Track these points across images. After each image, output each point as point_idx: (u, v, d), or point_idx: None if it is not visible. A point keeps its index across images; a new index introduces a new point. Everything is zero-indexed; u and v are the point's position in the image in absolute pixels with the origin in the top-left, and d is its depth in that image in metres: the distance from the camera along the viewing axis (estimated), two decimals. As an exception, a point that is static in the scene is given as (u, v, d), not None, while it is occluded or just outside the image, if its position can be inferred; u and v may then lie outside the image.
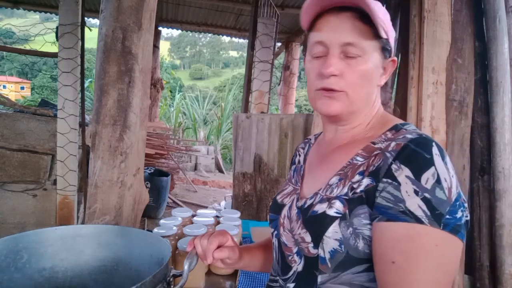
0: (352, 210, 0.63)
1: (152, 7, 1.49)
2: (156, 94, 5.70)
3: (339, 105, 0.70)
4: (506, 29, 1.73)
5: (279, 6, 4.28)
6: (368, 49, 0.68)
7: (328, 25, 0.69)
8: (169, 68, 24.97)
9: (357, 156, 0.69)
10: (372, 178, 0.62)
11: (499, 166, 1.71)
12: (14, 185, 3.12)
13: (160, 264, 0.79)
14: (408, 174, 0.57)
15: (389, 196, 0.58)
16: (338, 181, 0.68)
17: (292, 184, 0.84)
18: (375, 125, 0.74)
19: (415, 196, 0.56)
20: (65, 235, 0.97)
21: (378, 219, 0.59)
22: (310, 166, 0.83)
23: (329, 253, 0.65)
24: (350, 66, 0.68)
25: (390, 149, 0.62)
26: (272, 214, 0.84)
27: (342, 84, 0.69)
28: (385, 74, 0.73)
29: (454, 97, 1.76)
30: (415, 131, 0.64)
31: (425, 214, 0.55)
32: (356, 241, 0.63)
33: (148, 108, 1.56)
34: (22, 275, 0.89)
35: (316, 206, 0.68)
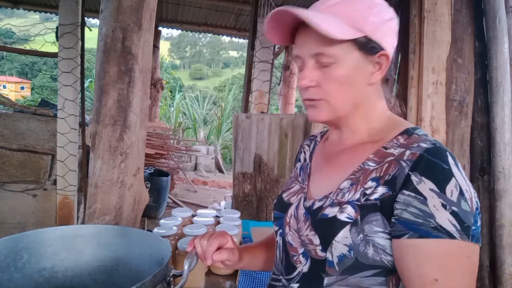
0: (364, 216, 0.63)
1: (152, 7, 1.49)
2: (156, 94, 5.70)
3: (323, 113, 0.71)
4: (506, 29, 1.73)
5: (279, 6, 4.28)
6: (340, 53, 0.66)
7: (299, 40, 0.71)
8: (169, 68, 24.96)
9: (369, 161, 0.68)
10: (388, 187, 0.62)
11: (499, 166, 1.71)
12: (14, 185, 3.12)
13: (160, 264, 0.79)
14: (432, 187, 0.57)
15: (417, 211, 0.58)
16: (349, 185, 0.68)
17: (299, 183, 0.83)
18: (383, 128, 0.72)
19: (443, 210, 0.56)
20: (65, 235, 0.97)
21: (409, 235, 0.58)
22: (317, 165, 0.82)
23: (338, 258, 0.65)
24: (325, 74, 0.68)
25: (406, 158, 0.62)
26: (277, 212, 0.83)
27: (320, 94, 0.70)
28: (379, 70, 0.70)
29: (454, 97, 1.76)
30: (428, 139, 0.64)
31: (455, 228, 0.56)
32: (366, 248, 0.63)
33: (148, 108, 1.56)
34: (22, 275, 0.89)
35: (326, 209, 0.68)
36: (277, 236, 0.82)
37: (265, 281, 1.30)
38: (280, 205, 0.82)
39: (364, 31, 0.66)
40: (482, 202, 1.80)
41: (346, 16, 0.66)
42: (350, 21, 0.65)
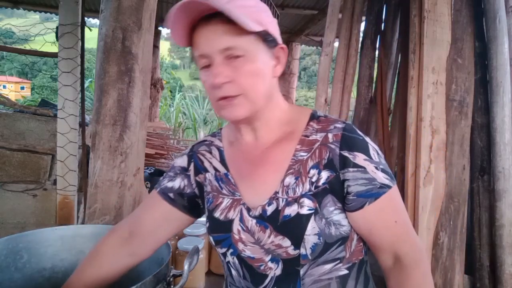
0: (321, 202, 0.69)
1: (152, 7, 1.49)
2: (156, 94, 5.69)
3: (242, 109, 0.69)
4: (506, 29, 1.73)
5: (279, 6, 4.28)
6: (248, 46, 0.67)
7: (202, 37, 0.68)
8: (169, 68, 24.97)
9: (299, 152, 0.72)
10: (329, 170, 0.69)
11: (499, 166, 1.71)
12: (14, 185, 3.12)
13: (160, 264, 0.79)
14: (364, 157, 0.69)
15: (364, 181, 0.68)
16: (295, 180, 0.70)
17: (227, 195, 0.77)
18: (292, 118, 0.76)
19: (378, 171, 0.69)
20: (65, 235, 0.97)
21: (369, 202, 0.68)
22: (242, 172, 0.77)
23: (311, 249, 0.68)
24: (237, 68, 0.67)
25: (331, 140, 0.70)
26: (216, 234, 0.76)
27: (236, 89, 0.68)
28: (279, 63, 0.73)
29: (454, 97, 1.76)
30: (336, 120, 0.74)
31: (388, 179, 0.70)
32: (329, 229, 0.69)
33: (148, 108, 1.56)
34: (22, 275, 0.89)
35: (285, 210, 0.69)
36: (227, 257, 0.76)
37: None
38: (219, 226, 0.76)
39: (263, 24, 0.68)
40: (482, 202, 1.80)
41: (247, 10, 0.66)
42: (250, 14, 0.66)
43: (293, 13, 4.70)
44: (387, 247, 0.72)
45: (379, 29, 2.38)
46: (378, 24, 2.37)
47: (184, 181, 0.84)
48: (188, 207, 0.84)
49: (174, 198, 0.83)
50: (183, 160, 0.86)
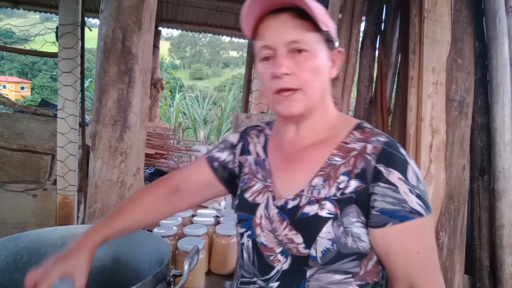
0: (343, 210, 0.68)
1: (152, 7, 1.49)
2: (156, 94, 5.70)
3: (299, 105, 0.71)
4: (506, 29, 1.73)
5: (279, 6, 4.28)
6: (313, 43, 0.70)
7: (269, 29, 0.71)
8: (169, 68, 24.96)
9: (334, 157, 0.72)
10: (359, 180, 0.68)
11: (499, 166, 1.71)
12: (14, 185, 3.12)
13: (160, 264, 0.79)
14: (399, 176, 0.66)
15: (393, 200, 0.65)
16: (322, 182, 0.70)
17: (260, 180, 0.80)
18: (336, 124, 0.77)
19: (411, 194, 0.66)
20: (65, 235, 0.97)
21: (392, 222, 0.65)
22: (277, 163, 0.80)
23: (321, 252, 0.68)
24: (300, 63, 0.70)
25: (369, 151, 0.69)
26: (242, 213, 0.80)
27: (296, 82, 0.70)
28: (335, 66, 0.75)
29: (454, 97, 1.76)
30: (381, 133, 0.72)
31: (422, 208, 0.66)
32: (346, 239, 0.68)
33: (148, 108, 1.56)
34: (22, 275, 0.89)
35: (305, 207, 0.70)
36: (244, 238, 0.79)
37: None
38: (245, 206, 0.79)
39: (328, 26, 0.71)
40: (482, 202, 1.80)
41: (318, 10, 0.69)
42: (319, 15, 0.68)
43: (293, 13, 4.70)
44: (402, 276, 0.68)
45: (379, 29, 2.37)
46: (378, 24, 2.37)
47: (229, 156, 0.89)
48: (227, 180, 0.89)
49: (217, 168, 0.89)
50: (235, 137, 0.91)
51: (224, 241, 1.36)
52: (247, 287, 0.77)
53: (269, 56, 0.71)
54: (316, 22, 0.68)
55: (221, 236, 1.37)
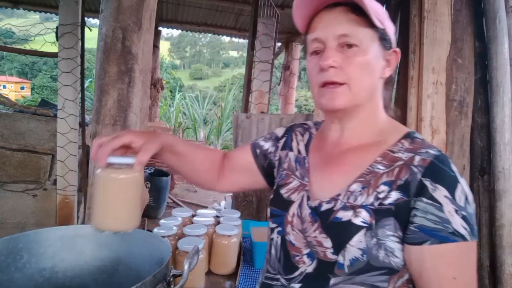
0: (379, 221, 0.64)
1: (152, 7, 1.49)
2: (156, 94, 5.70)
3: (343, 98, 0.69)
4: (506, 29, 1.73)
5: (279, 6, 4.28)
6: (364, 39, 0.68)
7: (322, 22, 0.71)
8: (169, 68, 24.97)
9: (378, 164, 0.68)
10: (401, 192, 0.64)
11: (499, 166, 1.71)
12: (14, 185, 3.12)
13: (160, 264, 0.79)
14: (446, 194, 0.61)
15: (435, 218, 0.61)
16: (361, 189, 0.67)
17: (297, 178, 0.79)
18: (384, 129, 0.73)
19: (456, 215, 0.61)
20: (65, 235, 0.97)
21: (431, 242, 0.61)
22: (317, 163, 0.79)
23: (349, 261, 0.65)
24: (348, 57, 0.68)
25: (416, 163, 0.64)
26: (275, 209, 0.80)
27: (342, 76, 0.68)
28: (389, 66, 0.73)
29: (454, 97, 1.76)
30: (432, 146, 0.67)
31: (467, 231, 0.61)
32: (378, 251, 0.64)
33: (148, 108, 1.56)
34: (22, 275, 0.89)
35: (338, 212, 0.67)
36: (274, 233, 0.79)
37: (265, 281, 1.30)
38: (280, 201, 0.79)
39: (384, 25, 0.70)
40: (482, 202, 1.80)
41: (374, 8, 0.68)
42: (374, 12, 0.68)
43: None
44: None
45: (379, 29, 2.38)
46: (378, 24, 2.37)
47: (272, 148, 0.89)
48: (265, 170, 0.90)
49: (258, 155, 0.90)
50: (281, 131, 0.91)
51: (224, 241, 1.36)
52: (270, 283, 0.77)
53: (319, 50, 0.71)
54: (370, 18, 0.67)
55: (221, 236, 1.37)
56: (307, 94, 21.18)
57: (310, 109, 16.75)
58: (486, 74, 1.81)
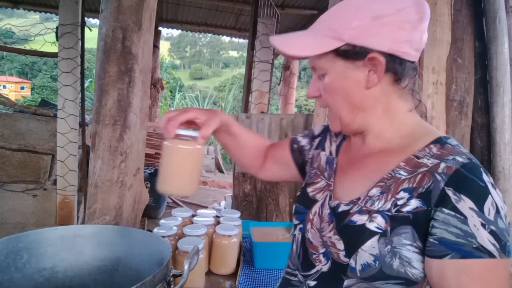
0: (394, 228, 0.62)
1: (152, 7, 1.49)
2: (156, 94, 5.70)
3: (335, 123, 0.74)
4: (506, 29, 1.73)
5: (279, 6, 4.28)
6: (326, 65, 0.69)
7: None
8: (169, 68, 24.96)
9: (400, 170, 0.65)
10: (422, 200, 0.60)
11: (499, 166, 1.71)
12: (14, 185, 3.13)
13: (160, 264, 0.79)
14: (472, 206, 0.56)
15: (458, 231, 0.57)
16: (379, 193, 0.65)
17: (325, 178, 0.80)
18: (411, 133, 0.69)
19: (483, 229, 0.56)
20: (65, 235, 0.97)
21: (451, 256, 0.57)
22: (343, 165, 0.79)
23: (361, 265, 0.64)
24: (323, 86, 0.72)
25: (440, 171, 0.60)
26: (300, 206, 0.81)
27: (324, 104, 0.74)
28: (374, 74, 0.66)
29: (454, 97, 1.76)
30: (463, 153, 0.62)
31: (495, 247, 0.56)
32: (392, 259, 0.62)
33: (148, 108, 1.56)
34: (22, 275, 0.89)
35: (354, 215, 0.66)
36: (296, 230, 0.80)
37: (266, 281, 1.30)
38: (305, 199, 0.80)
39: (343, 39, 0.65)
40: (482, 202, 1.80)
41: (328, 28, 0.67)
42: (330, 32, 0.66)
43: (293, 13, 4.70)
44: None
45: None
46: (378, 24, 2.37)
47: (307, 145, 0.91)
48: (300, 165, 0.92)
49: (295, 150, 0.93)
50: (318, 130, 0.92)
51: (224, 241, 1.36)
52: (289, 278, 0.79)
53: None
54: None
55: (221, 236, 1.37)
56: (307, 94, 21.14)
57: (310, 109, 16.74)
58: (486, 74, 1.81)
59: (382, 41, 0.64)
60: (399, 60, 0.66)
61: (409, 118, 0.71)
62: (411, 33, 0.65)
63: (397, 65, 0.67)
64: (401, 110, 0.70)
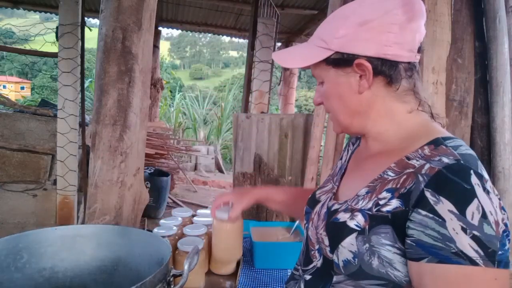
0: (373, 227, 0.62)
1: (152, 7, 1.49)
2: (156, 94, 5.70)
3: (336, 127, 0.78)
4: (506, 29, 1.73)
5: (279, 6, 4.28)
6: (322, 73, 0.73)
7: None
8: (169, 68, 24.96)
9: (389, 171, 0.65)
10: (401, 201, 0.59)
11: (499, 166, 1.71)
12: (14, 185, 3.13)
13: (160, 264, 0.79)
14: (451, 208, 0.53)
15: (435, 234, 0.54)
16: (365, 193, 0.67)
17: (333, 183, 0.85)
18: (412, 134, 0.68)
19: (463, 234, 0.52)
20: (65, 235, 0.97)
21: (428, 259, 0.55)
22: (350, 168, 0.84)
23: (343, 262, 0.66)
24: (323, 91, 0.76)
25: (423, 171, 0.58)
26: (307, 207, 0.87)
27: (326, 109, 0.78)
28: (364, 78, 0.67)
29: (454, 97, 1.76)
30: (452, 154, 0.59)
31: (478, 254, 0.52)
32: (370, 258, 0.62)
33: (148, 108, 1.56)
34: (22, 275, 0.89)
35: (339, 213, 0.69)
36: (305, 229, 0.85)
37: (266, 281, 1.30)
38: (311, 201, 0.86)
39: (331, 48, 0.69)
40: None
41: (319, 39, 0.71)
42: (320, 42, 0.70)
43: (293, 13, 4.70)
44: None
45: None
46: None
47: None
48: None
49: None
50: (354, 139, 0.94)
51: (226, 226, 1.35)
52: (294, 273, 0.86)
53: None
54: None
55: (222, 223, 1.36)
56: (307, 94, 21.18)
57: (310, 109, 16.74)
58: (486, 74, 1.81)
59: (368, 47, 0.65)
60: (390, 63, 0.66)
61: (410, 119, 0.70)
62: (399, 34, 0.64)
63: (386, 68, 0.67)
64: (399, 111, 0.70)
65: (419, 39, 0.67)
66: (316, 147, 2.01)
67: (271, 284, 1.28)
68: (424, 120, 0.71)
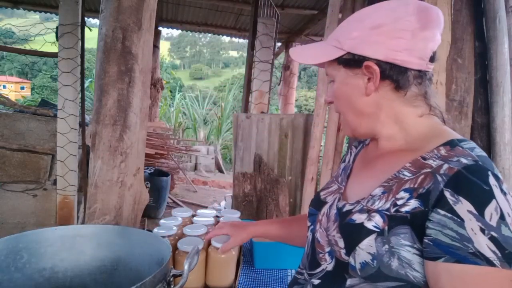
0: (392, 228, 0.61)
1: (152, 7, 1.49)
2: (156, 94, 5.70)
3: (346, 128, 0.78)
4: (506, 29, 1.73)
5: (279, 6, 4.28)
6: (333, 72, 0.75)
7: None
8: (169, 68, 24.97)
9: (405, 170, 0.65)
10: (420, 201, 0.59)
11: (499, 166, 1.71)
12: (14, 185, 3.13)
13: (160, 264, 0.79)
14: (470, 209, 0.54)
15: (454, 234, 0.54)
16: (381, 193, 0.66)
17: (338, 183, 0.83)
18: (422, 136, 0.69)
19: (482, 234, 0.53)
20: (65, 235, 0.97)
21: (445, 259, 0.55)
22: (356, 169, 0.83)
23: (360, 264, 0.64)
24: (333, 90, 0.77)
25: (442, 172, 0.59)
26: (312, 208, 0.85)
27: (336, 108, 0.79)
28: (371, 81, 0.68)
29: (454, 97, 1.76)
30: (470, 154, 0.59)
31: (495, 255, 0.52)
32: (390, 259, 0.61)
33: (148, 108, 1.56)
34: (22, 275, 0.89)
35: (354, 214, 0.67)
36: (308, 231, 0.84)
37: (266, 281, 1.30)
38: (316, 202, 0.85)
39: (343, 48, 0.70)
40: (482, 202, 1.80)
41: (334, 39, 0.73)
42: (335, 42, 0.72)
43: (293, 13, 4.70)
44: None
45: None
46: (378, 24, 2.37)
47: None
48: None
49: None
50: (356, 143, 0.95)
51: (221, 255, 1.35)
52: (297, 277, 0.83)
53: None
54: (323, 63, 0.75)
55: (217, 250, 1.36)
56: (307, 94, 21.18)
57: (310, 109, 16.73)
58: (486, 74, 1.81)
59: (377, 50, 0.66)
60: (398, 68, 0.67)
61: (420, 123, 0.70)
62: (410, 41, 0.65)
63: (394, 73, 0.67)
64: (409, 115, 0.70)
65: (432, 48, 0.67)
66: (316, 147, 2.01)
67: (271, 284, 1.28)
68: (435, 123, 0.71)
